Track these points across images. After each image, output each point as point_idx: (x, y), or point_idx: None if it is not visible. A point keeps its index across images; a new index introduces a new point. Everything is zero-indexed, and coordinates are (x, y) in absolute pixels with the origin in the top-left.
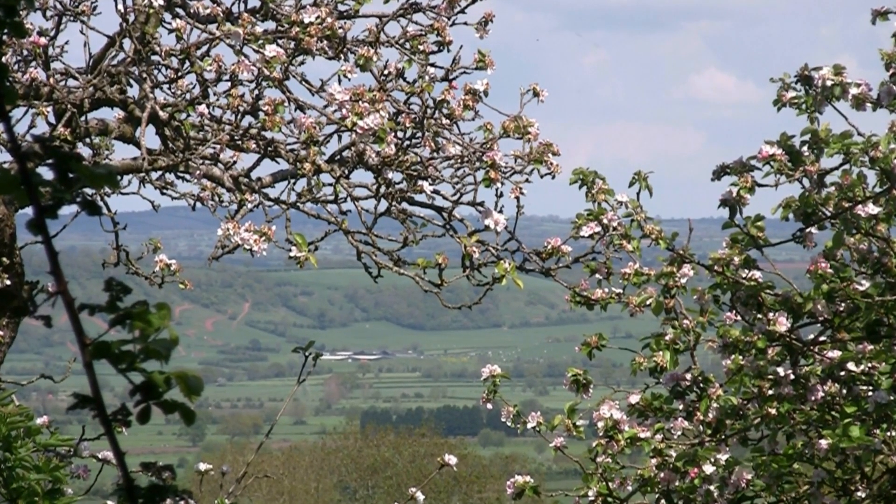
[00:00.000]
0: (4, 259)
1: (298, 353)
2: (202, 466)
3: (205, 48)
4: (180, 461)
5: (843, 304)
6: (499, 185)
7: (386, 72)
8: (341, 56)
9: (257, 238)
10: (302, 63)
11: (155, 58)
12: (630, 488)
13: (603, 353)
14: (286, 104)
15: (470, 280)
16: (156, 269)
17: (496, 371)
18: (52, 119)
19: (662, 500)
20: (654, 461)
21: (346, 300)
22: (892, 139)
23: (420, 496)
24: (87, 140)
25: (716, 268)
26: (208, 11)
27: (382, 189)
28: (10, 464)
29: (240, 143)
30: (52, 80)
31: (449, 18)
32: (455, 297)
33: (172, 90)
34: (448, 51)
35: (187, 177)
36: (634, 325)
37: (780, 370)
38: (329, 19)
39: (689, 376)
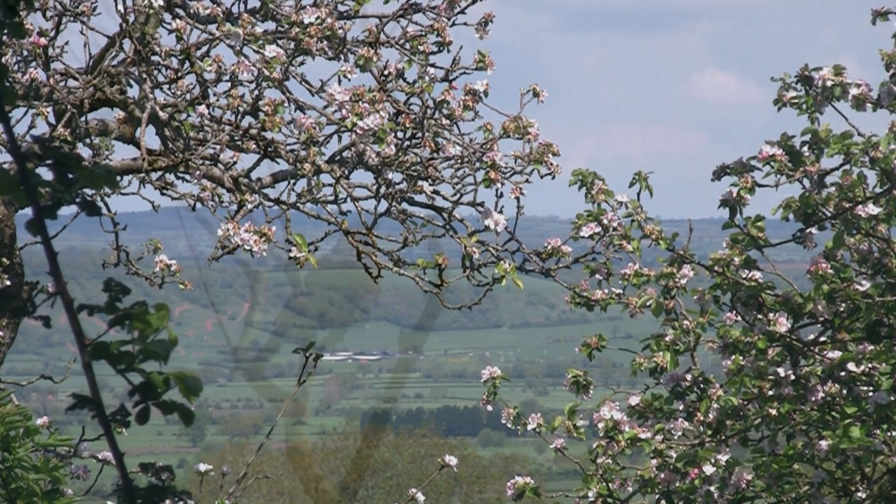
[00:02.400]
0: (4, 259)
1: (299, 353)
2: (202, 467)
3: (205, 48)
4: (180, 462)
5: (843, 305)
6: (499, 185)
7: (386, 72)
8: (341, 56)
9: (257, 238)
10: (302, 63)
11: (155, 58)
12: (630, 489)
13: (603, 354)
14: (286, 104)
15: (470, 280)
16: (156, 269)
17: (496, 373)
18: (51, 119)
19: (663, 501)
20: (654, 462)
21: (346, 300)
22: (893, 139)
23: (420, 497)
24: (87, 140)
25: (716, 268)
26: (208, 12)
27: (382, 189)
28: (8, 464)
29: (240, 143)
30: (51, 80)
31: (449, 19)
32: (455, 297)
33: (172, 90)
34: (448, 51)
35: (187, 177)
36: (635, 325)
37: (781, 371)
38: (329, 20)
39: (689, 377)
